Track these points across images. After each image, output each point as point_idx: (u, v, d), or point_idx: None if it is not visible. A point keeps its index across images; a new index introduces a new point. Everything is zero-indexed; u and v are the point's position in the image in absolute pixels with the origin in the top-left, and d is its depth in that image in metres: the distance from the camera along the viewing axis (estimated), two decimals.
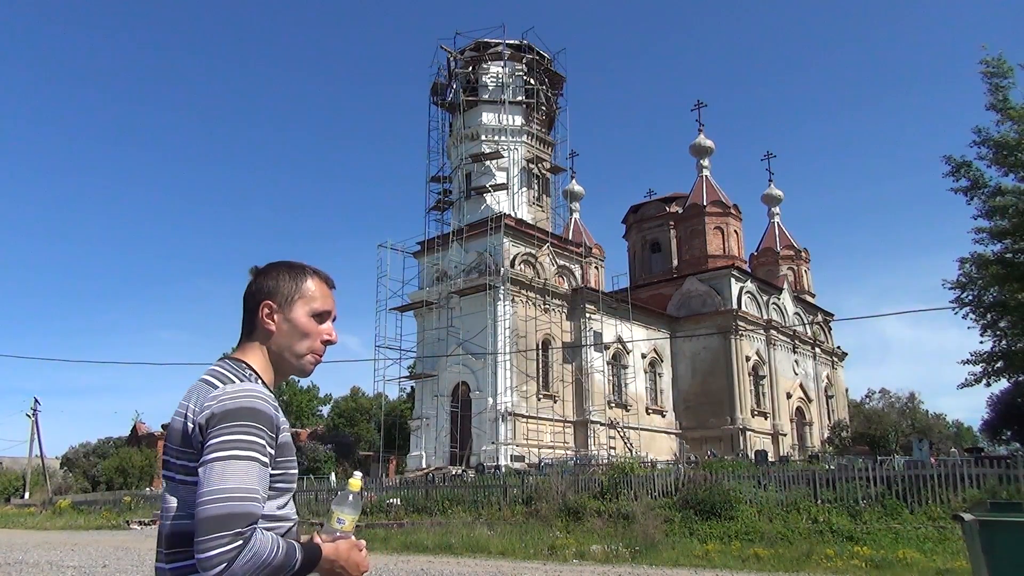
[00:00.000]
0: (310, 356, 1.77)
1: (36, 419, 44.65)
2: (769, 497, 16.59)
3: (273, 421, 1.58)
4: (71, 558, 14.35)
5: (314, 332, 1.77)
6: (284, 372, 1.79)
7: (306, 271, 1.82)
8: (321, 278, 1.82)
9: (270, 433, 1.56)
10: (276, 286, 1.78)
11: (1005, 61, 15.41)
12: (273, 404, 1.61)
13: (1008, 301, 16.74)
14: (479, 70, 42.77)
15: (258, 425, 1.54)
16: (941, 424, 51.74)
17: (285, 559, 1.48)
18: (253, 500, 1.47)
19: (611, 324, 40.29)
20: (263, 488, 1.50)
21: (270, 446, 1.56)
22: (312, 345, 1.77)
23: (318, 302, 1.78)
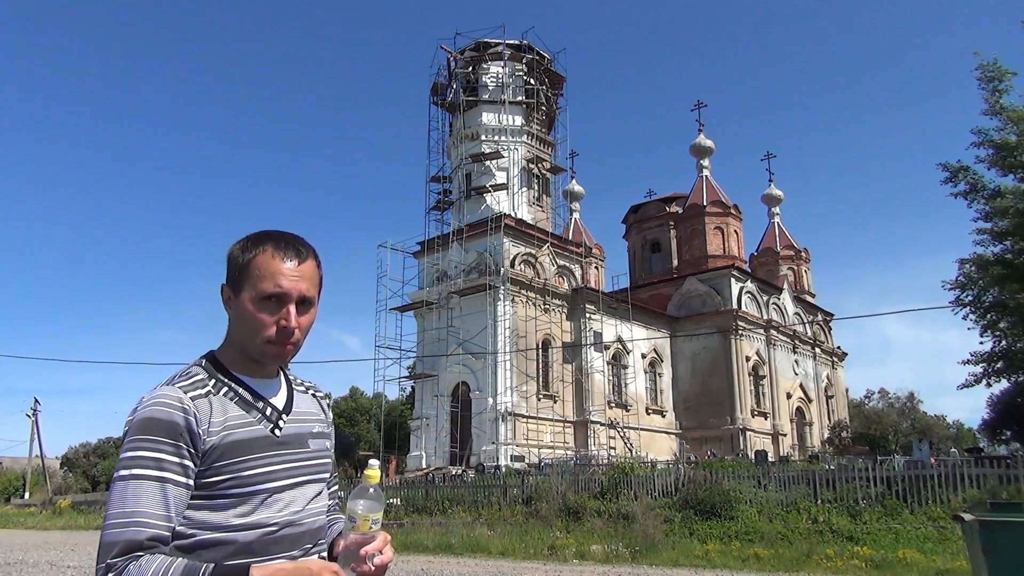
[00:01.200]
0: (268, 347, 1.49)
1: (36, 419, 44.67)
2: (769, 497, 16.59)
3: (177, 427, 1.38)
4: (71, 558, 14.35)
5: (259, 322, 1.48)
6: (260, 360, 1.55)
7: (259, 244, 1.51)
8: (275, 249, 1.50)
9: (173, 442, 1.37)
10: (229, 265, 1.54)
11: (1001, 65, 15.45)
12: (183, 407, 1.41)
13: (1008, 302, 16.76)
14: (479, 70, 42.77)
15: (153, 437, 1.37)
16: (941, 424, 51.79)
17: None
18: (132, 525, 1.31)
19: (611, 324, 40.29)
20: (158, 506, 1.34)
21: (180, 456, 1.38)
22: (264, 335, 1.48)
23: (265, 282, 1.47)
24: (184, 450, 1.39)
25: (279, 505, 1.47)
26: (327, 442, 1.64)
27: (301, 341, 1.54)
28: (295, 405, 1.61)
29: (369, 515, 1.44)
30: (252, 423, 1.49)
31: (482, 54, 42.59)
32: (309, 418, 1.62)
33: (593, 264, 47.60)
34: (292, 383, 1.66)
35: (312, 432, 1.60)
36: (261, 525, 1.44)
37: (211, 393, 1.48)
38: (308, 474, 1.54)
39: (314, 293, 1.54)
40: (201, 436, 1.41)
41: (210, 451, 1.42)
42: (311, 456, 1.56)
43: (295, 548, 1.48)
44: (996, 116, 15.43)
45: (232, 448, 1.43)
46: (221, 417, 1.46)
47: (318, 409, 1.69)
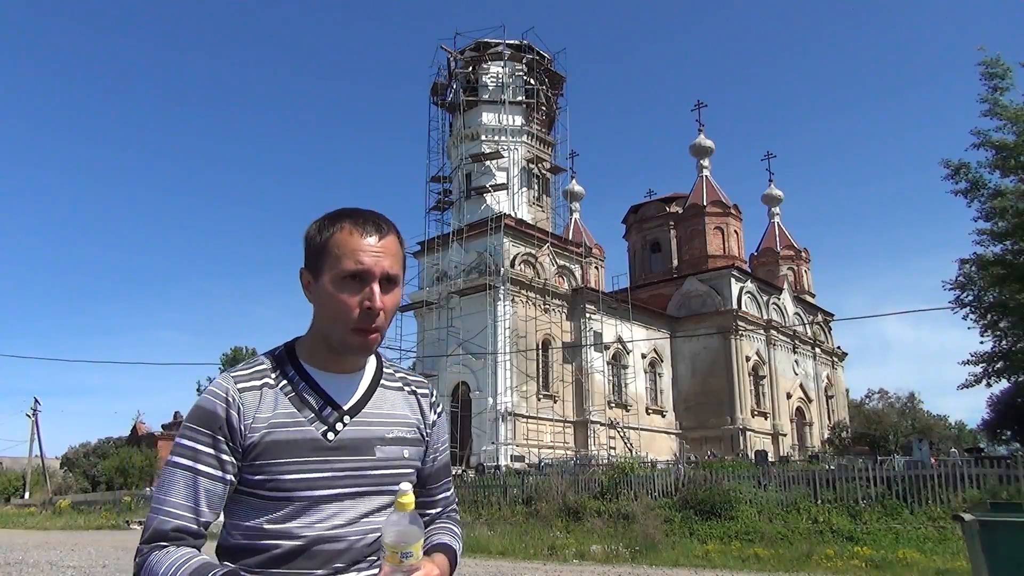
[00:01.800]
0: (353, 337, 1.37)
1: (36, 419, 44.69)
2: (769, 497, 16.59)
3: (216, 419, 1.33)
4: (71, 558, 14.34)
5: (341, 305, 1.35)
6: (341, 352, 1.42)
7: (336, 221, 1.40)
8: (353, 225, 1.39)
9: (211, 433, 1.32)
10: (306, 248, 1.44)
11: (1003, 62, 15.43)
12: (227, 399, 1.34)
13: (1008, 302, 16.75)
14: (479, 70, 42.77)
15: (194, 427, 1.33)
16: (941, 424, 51.75)
17: None
18: (161, 513, 1.29)
19: (611, 324, 40.29)
20: (187, 497, 1.30)
21: (218, 448, 1.32)
22: (348, 319, 1.35)
23: (345, 260, 1.36)
24: (222, 443, 1.32)
25: (318, 516, 1.34)
26: (407, 449, 1.45)
27: (386, 326, 1.40)
28: (372, 405, 1.45)
29: (398, 546, 1.25)
30: (301, 423, 1.36)
31: (482, 54, 42.59)
32: (387, 421, 1.45)
33: (593, 264, 47.61)
34: (382, 378, 1.51)
35: (384, 437, 1.42)
36: (291, 535, 1.32)
37: (267, 385, 1.38)
38: (367, 484, 1.37)
39: (397, 270, 1.40)
40: (241, 431, 1.33)
41: (251, 447, 1.33)
42: (376, 465, 1.39)
43: (326, 567, 1.33)
44: (996, 116, 15.42)
45: (272, 448, 1.33)
46: (269, 413, 1.36)
47: (410, 410, 1.51)
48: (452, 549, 1.49)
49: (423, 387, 1.57)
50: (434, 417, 1.56)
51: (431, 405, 1.56)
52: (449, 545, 1.50)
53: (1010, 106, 15.18)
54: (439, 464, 1.59)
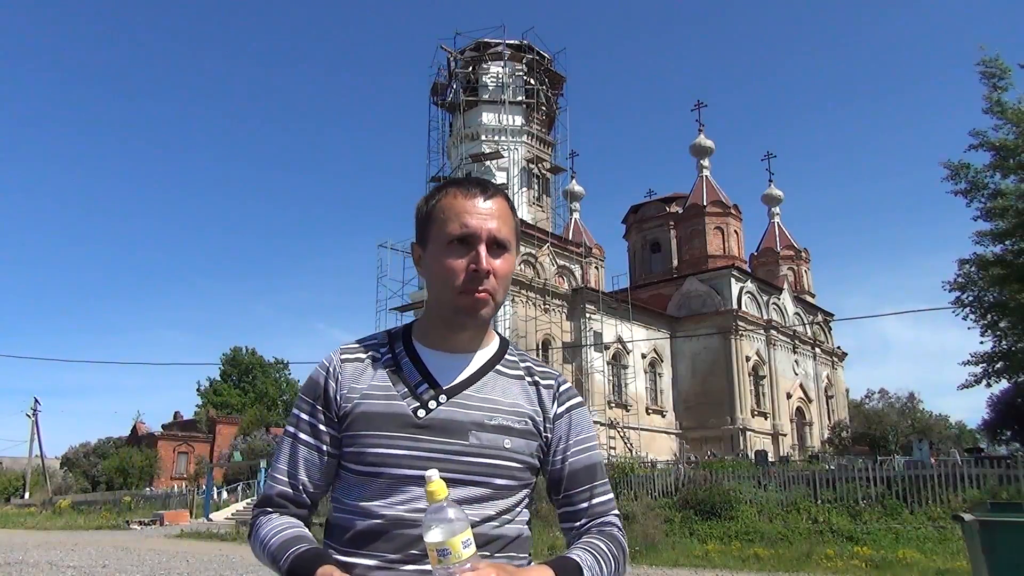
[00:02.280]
0: (461, 299, 1.30)
1: (36, 419, 44.73)
2: (769, 497, 16.60)
3: (317, 388, 1.35)
4: (71, 558, 14.35)
5: (447, 269, 1.30)
6: (456, 325, 1.36)
7: (442, 189, 1.38)
8: (458, 189, 1.36)
9: (311, 402, 1.35)
10: (416, 221, 1.41)
11: (1002, 62, 15.43)
12: (327, 367, 1.35)
13: (1008, 302, 16.76)
14: (479, 70, 42.80)
15: (302, 395, 1.37)
16: (941, 424, 51.70)
17: (270, 560, 1.26)
18: (270, 479, 1.36)
19: (611, 324, 40.31)
20: (288, 463, 1.34)
21: (315, 416, 1.34)
22: (455, 284, 1.30)
23: (450, 224, 1.31)
24: (319, 412, 1.34)
25: (401, 496, 1.26)
26: (509, 439, 1.32)
27: (499, 293, 1.32)
28: (477, 388, 1.35)
29: (435, 543, 1.10)
30: (393, 397, 1.31)
31: (482, 54, 42.62)
32: (491, 406, 1.33)
33: (593, 264, 47.60)
34: (500, 363, 1.41)
35: (484, 423, 1.31)
36: (372, 514, 1.27)
37: (373, 358, 1.36)
38: (458, 471, 1.26)
39: (508, 235, 1.34)
40: (337, 400, 1.33)
41: (345, 417, 1.32)
42: (469, 451, 1.28)
43: (403, 551, 1.24)
44: (995, 115, 15.42)
45: (362, 419, 1.30)
46: (365, 384, 1.33)
47: (527, 400, 1.38)
48: (573, 562, 1.29)
49: (548, 377, 1.44)
50: (558, 410, 1.41)
51: (555, 397, 1.42)
52: (568, 557, 1.31)
53: (1010, 105, 15.19)
54: (575, 466, 1.41)
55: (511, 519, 1.35)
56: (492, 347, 1.42)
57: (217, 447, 48.08)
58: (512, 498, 1.34)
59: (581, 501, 1.43)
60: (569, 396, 1.44)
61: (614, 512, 1.44)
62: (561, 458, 1.41)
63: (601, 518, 1.42)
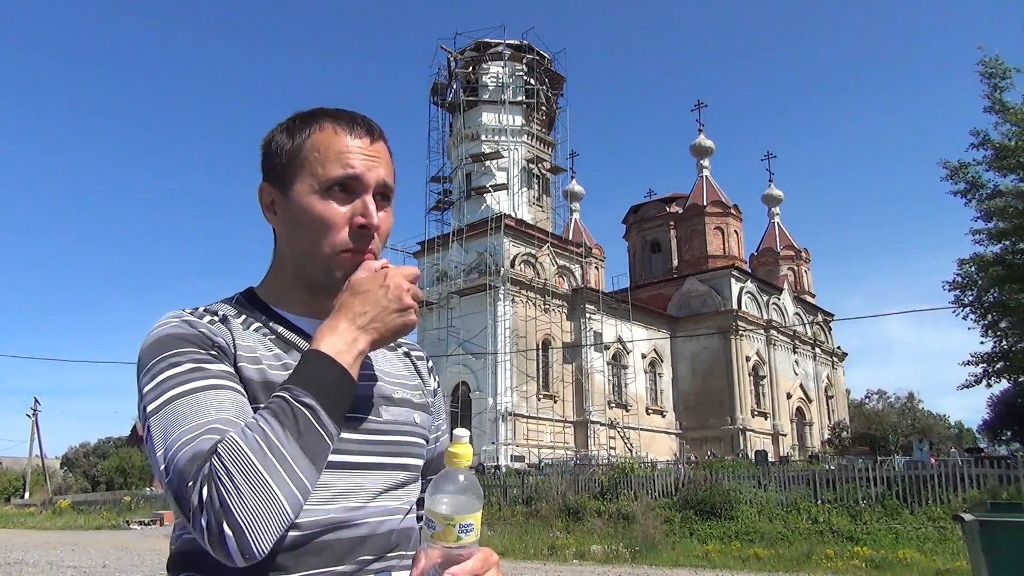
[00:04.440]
0: (342, 259, 1.03)
1: (36, 419, 44.69)
2: (769, 497, 16.60)
3: (202, 336, 0.97)
4: (71, 558, 14.34)
5: (325, 222, 1.03)
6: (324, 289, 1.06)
7: (313, 120, 1.08)
8: (336, 124, 1.07)
9: (204, 350, 0.96)
10: (268, 157, 1.10)
11: (1003, 62, 15.44)
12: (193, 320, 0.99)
13: (1008, 302, 16.76)
14: (479, 70, 42.81)
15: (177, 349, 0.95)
16: (941, 424, 51.71)
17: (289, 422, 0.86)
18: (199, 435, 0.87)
19: (611, 324, 40.30)
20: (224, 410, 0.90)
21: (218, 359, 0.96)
22: (334, 241, 1.03)
23: (330, 164, 1.04)
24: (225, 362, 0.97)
25: (325, 494, 0.96)
26: (417, 414, 1.12)
27: (379, 250, 1.07)
28: (370, 359, 1.08)
29: (455, 517, 0.88)
30: (290, 365, 0.98)
31: (482, 54, 42.63)
32: (390, 379, 1.12)
33: (593, 264, 47.61)
34: None
35: (391, 397, 1.09)
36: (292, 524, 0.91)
37: (236, 323, 1.04)
38: (378, 453, 1.03)
39: (392, 182, 1.09)
40: (231, 355, 0.98)
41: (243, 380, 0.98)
42: (384, 428, 1.05)
43: (346, 561, 0.96)
44: (996, 114, 15.43)
45: (261, 389, 0.97)
46: (253, 347, 1.01)
47: (407, 372, 1.19)
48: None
49: (417, 350, 1.28)
50: (434, 384, 1.26)
51: (430, 370, 1.27)
52: None
53: (1011, 106, 15.20)
54: (441, 447, 1.23)
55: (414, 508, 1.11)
56: None
57: None
58: (417, 483, 1.13)
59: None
60: (435, 371, 1.31)
61: None
62: (435, 437, 1.23)
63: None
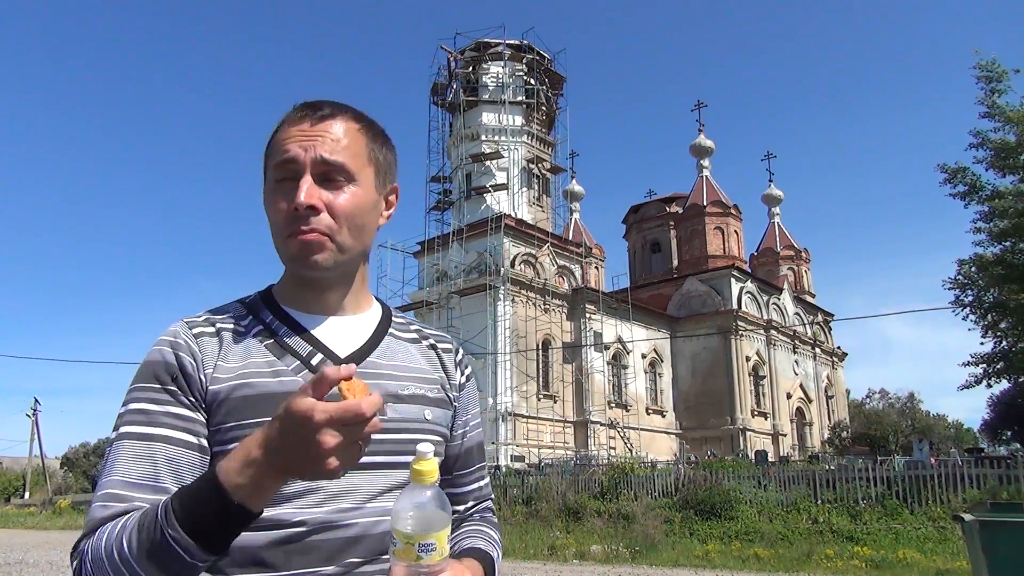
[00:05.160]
0: (289, 243, 1.03)
1: (36, 419, 44.68)
2: (769, 497, 16.61)
3: (168, 368, 1.00)
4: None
5: (273, 210, 1.04)
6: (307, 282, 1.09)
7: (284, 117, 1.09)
8: (290, 113, 1.08)
9: (163, 386, 0.99)
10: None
11: (999, 65, 15.46)
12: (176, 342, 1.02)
13: (1008, 302, 16.76)
14: (479, 70, 42.81)
15: (142, 385, 1.00)
16: (941, 424, 51.74)
17: (146, 539, 0.84)
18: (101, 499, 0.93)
19: (611, 324, 40.31)
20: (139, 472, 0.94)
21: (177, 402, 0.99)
22: (280, 226, 1.04)
23: (274, 157, 1.06)
24: (181, 396, 0.99)
25: (315, 497, 0.98)
26: (429, 410, 1.10)
27: (342, 233, 1.04)
28: (379, 354, 1.11)
29: (415, 536, 0.85)
30: (283, 372, 1.02)
31: (482, 54, 42.63)
32: (400, 374, 1.11)
33: (593, 264, 47.63)
34: (391, 327, 1.17)
35: (398, 394, 1.08)
36: (279, 523, 0.96)
37: (235, 332, 1.06)
38: (378, 453, 1.01)
39: (346, 159, 1.04)
40: (201, 381, 1.00)
41: (215, 404, 1.00)
42: (388, 427, 1.00)
43: (335, 562, 0.98)
44: (994, 118, 15.45)
45: (245, 405, 0.99)
46: (237, 362, 1.03)
47: (428, 365, 1.17)
48: (489, 557, 1.10)
49: (445, 342, 1.23)
50: (461, 378, 1.22)
51: (456, 364, 1.22)
52: (485, 551, 1.10)
53: (1007, 108, 15.21)
54: (470, 443, 1.22)
55: None
56: (377, 309, 1.18)
57: None
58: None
59: (472, 482, 1.24)
60: (467, 363, 1.25)
61: (491, 495, 1.30)
62: (462, 433, 1.20)
63: (484, 502, 1.26)
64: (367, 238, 1.10)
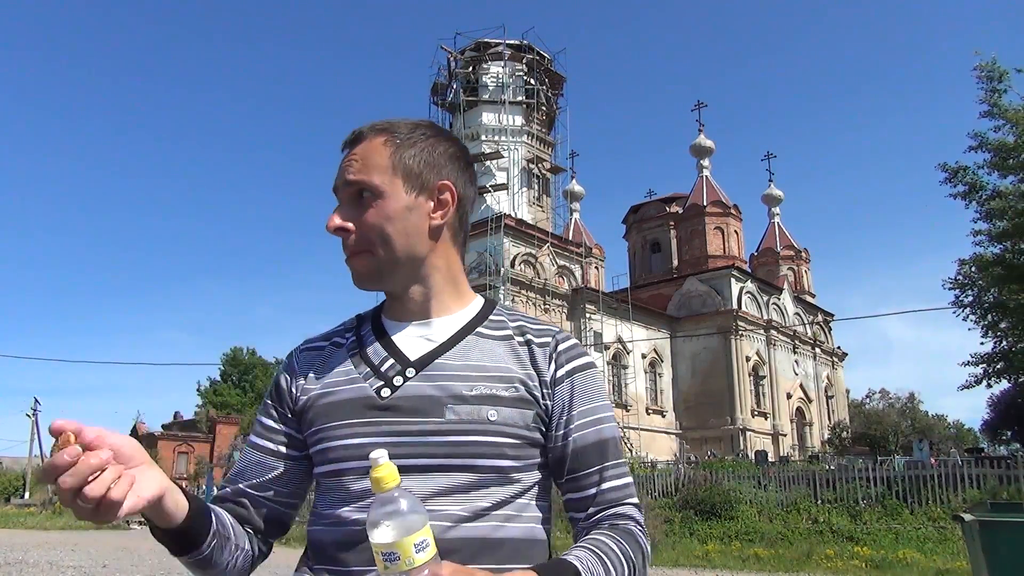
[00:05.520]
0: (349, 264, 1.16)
1: (36, 419, 44.71)
2: (769, 497, 16.61)
3: (271, 386, 1.20)
4: (71, 558, 14.34)
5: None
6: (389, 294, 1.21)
7: None
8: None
9: (265, 401, 1.20)
10: None
11: (1000, 65, 15.49)
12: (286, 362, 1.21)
13: (1008, 302, 16.77)
14: (479, 70, 42.84)
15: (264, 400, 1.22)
16: (941, 424, 51.74)
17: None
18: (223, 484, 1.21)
19: (611, 324, 40.33)
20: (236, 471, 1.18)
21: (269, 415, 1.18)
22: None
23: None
24: (272, 409, 1.17)
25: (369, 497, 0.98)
26: (494, 410, 1.06)
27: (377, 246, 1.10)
28: (452, 355, 1.11)
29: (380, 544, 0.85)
30: (355, 380, 1.10)
31: (482, 54, 42.66)
32: (471, 374, 1.09)
33: (593, 264, 47.63)
34: (481, 325, 1.16)
35: (462, 395, 1.06)
36: (341, 520, 1.04)
37: (337, 344, 1.18)
38: (434, 455, 1.03)
39: (367, 177, 1.10)
40: (291, 393, 1.15)
41: (303, 413, 1.13)
42: (444, 429, 1.04)
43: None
44: (994, 117, 15.47)
45: (324, 412, 1.10)
46: (326, 373, 1.14)
47: (517, 363, 1.12)
48: (569, 565, 1.01)
49: (544, 335, 1.16)
50: (557, 373, 1.12)
51: (551, 357, 1.13)
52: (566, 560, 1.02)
53: (1009, 108, 15.23)
54: (580, 442, 1.12)
55: (516, 514, 1.07)
56: (472, 308, 1.19)
57: (217, 447, 48.10)
58: (513, 485, 1.07)
59: (589, 486, 1.14)
60: (571, 356, 1.15)
61: (631, 501, 1.15)
62: (563, 433, 1.12)
63: (614, 508, 1.14)
64: (411, 242, 1.11)
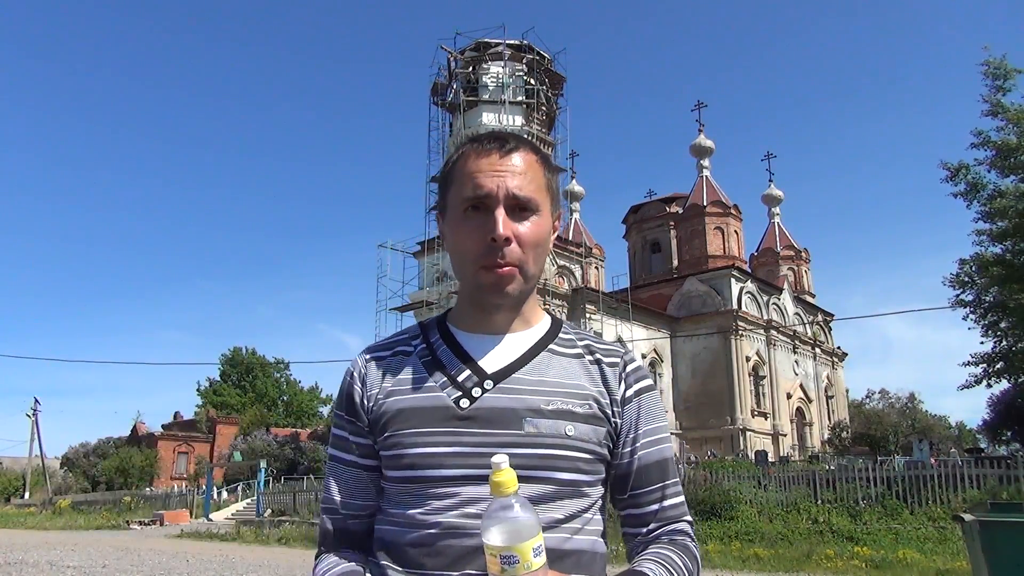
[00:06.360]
0: (481, 275, 1.12)
1: (36, 419, 44.75)
2: (769, 497, 16.61)
3: (343, 398, 1.20)
4: (71, 558, 14.35)
5: (463, 239, 1.14)
6: (488, 306, 1.18)
7: (461, 148, 1.20)
8: (473, 147, 1.17)
9: (340, 413, 1.21)
10: (439, 185, 1.27)
11: (1007, 64, 15.47)
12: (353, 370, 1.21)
13: (1008, 302, 16.77)
14: (479, 70, 42.83)
15: (335, 412, 1.23)
16: (941, 424, 51.71)
17: None
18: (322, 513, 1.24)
19: (611, 324, 40.33)
20: (334, 491, 1.21)
21: (349, 428, 1.19)
22: (472, 256, 1.13)
23: (465, 187, 1.14)
24: (348, 423, 1.19)
25: (449, 501, 1.07)
26: (572, 426, 1.11)
27: (529, 264, 1.13)
28: (529, 370, 1.15)
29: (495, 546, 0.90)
30: (431, 389, 1.14)
31: (482, 54, 42.65)
32: (548, 389, 1.13)
33: (593, 264, 47.63)
34: (553, 343, 1.20)
35: (540, 409, 1.11)
36: (417, 523, 1.08)
37: (403, 352, 1.20)
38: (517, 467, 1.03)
39: (533, 193, 1.13)
40: (364, 404, 1.17)
41: (377, 420, 1.15)
42: (523, 441, 1.08)
43: (456, 568, 1.04)
44: (996, 116, 15.46)
45: (396, 418, 1.12)
46: (397, 380, 1.16)
47: (589, 381, 1.17)
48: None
49: (613, 355, 1.22)
50: (626, 391, 1.19)
51: (621, 376, 1.20)
52: (639, 571, 1.07)
53: (1011, 107, 15.23)
54: (645, 460, 1.19)
55: (582, 527, 1.13)
56: (543, 325, 1.23)
57: (217, 447, 48.14)
58: (583, 499, 1.13)
59: (651, 503, 1.21)
60: (639, 377, 1.22)
61: (687, 518, 1.23)
62: (630, 450, 1.18)
63: (672, 524, 1.20)
64: (544, 262, 1.18)
